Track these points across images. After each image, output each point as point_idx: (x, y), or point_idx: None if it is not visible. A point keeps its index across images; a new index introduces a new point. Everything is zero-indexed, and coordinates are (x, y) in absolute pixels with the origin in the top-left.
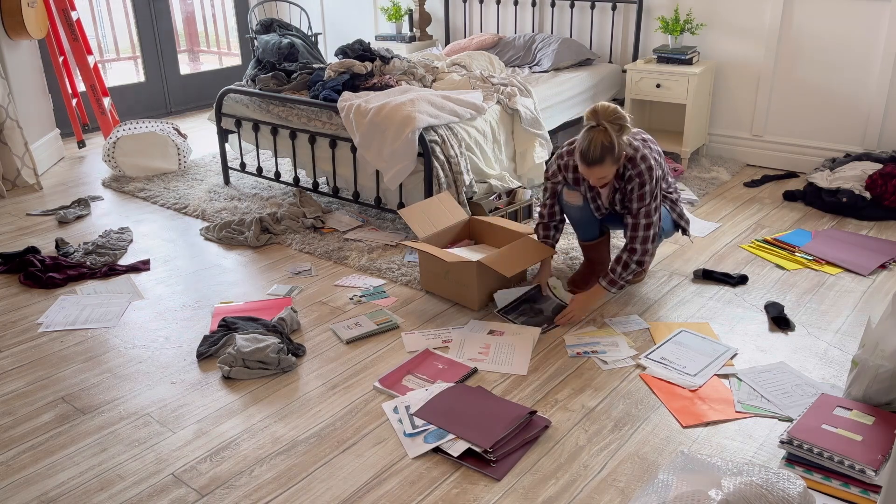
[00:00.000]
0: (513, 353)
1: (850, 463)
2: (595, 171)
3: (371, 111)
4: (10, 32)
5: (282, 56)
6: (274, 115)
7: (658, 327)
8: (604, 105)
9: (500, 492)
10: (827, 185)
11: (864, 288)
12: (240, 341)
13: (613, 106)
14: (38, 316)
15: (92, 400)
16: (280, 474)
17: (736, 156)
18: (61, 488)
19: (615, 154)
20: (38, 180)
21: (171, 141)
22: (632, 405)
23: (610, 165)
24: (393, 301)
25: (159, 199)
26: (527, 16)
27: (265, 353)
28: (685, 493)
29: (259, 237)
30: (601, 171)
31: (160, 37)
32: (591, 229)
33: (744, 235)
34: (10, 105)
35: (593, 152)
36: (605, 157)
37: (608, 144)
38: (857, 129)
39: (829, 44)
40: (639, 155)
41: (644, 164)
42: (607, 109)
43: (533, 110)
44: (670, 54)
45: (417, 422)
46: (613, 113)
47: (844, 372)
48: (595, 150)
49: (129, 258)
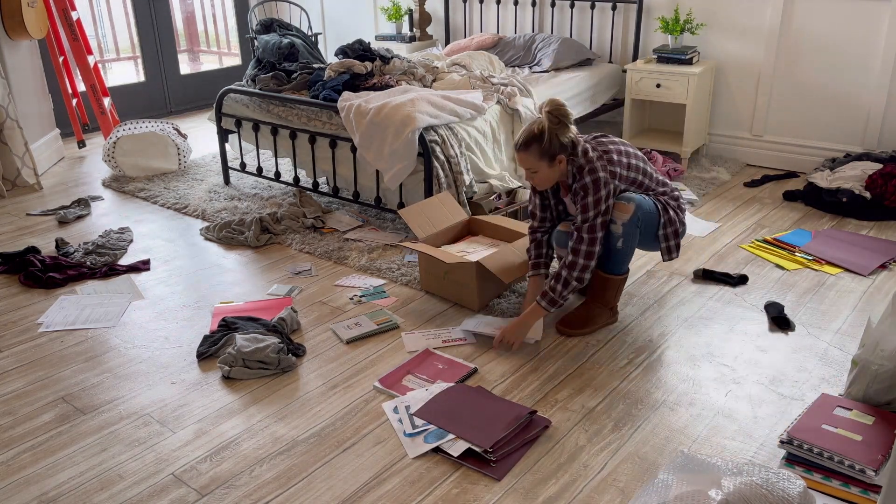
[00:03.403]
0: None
1: (850, 463)
2: (521, 157)
3: (371, 111)
4: (10, 32)
5: (282, 56)
6: (274, 115)
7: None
8: (552, 99)
9: (500, 492)
10: (827, 185)
11: (864, 288)
12: (240, 341)
13: (560, 101)
14: (38, 316)
15: (92, 400)
16: (280, 474)
17: (736, 156)
18: (61, 488)
19: (543, 145)
20: (38, 180)
21: (171, 141)
22: (632, 405)
23: (536, 156)
24: (393, 301)
25: (159, 199)
26: (527, 16)
27: (265, 353)
28: (685, 493)
29: (259, 237)
30: (527, 160)
31: (160, 37)
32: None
33: (744, 235)
34: (10, 105)
35: (521, 137)
36: (530, 144)
37: (537, 133)
38: (857, 129)
39: (829, 44)
40: (588, 167)
41: (590, 176)
42: (553, 102)
43: (533, 110)
44: (670, 54)
45: (417, 422)
46: (557, 107)
47: (844, 372)
48: (524, 135)
49: (129, 258)
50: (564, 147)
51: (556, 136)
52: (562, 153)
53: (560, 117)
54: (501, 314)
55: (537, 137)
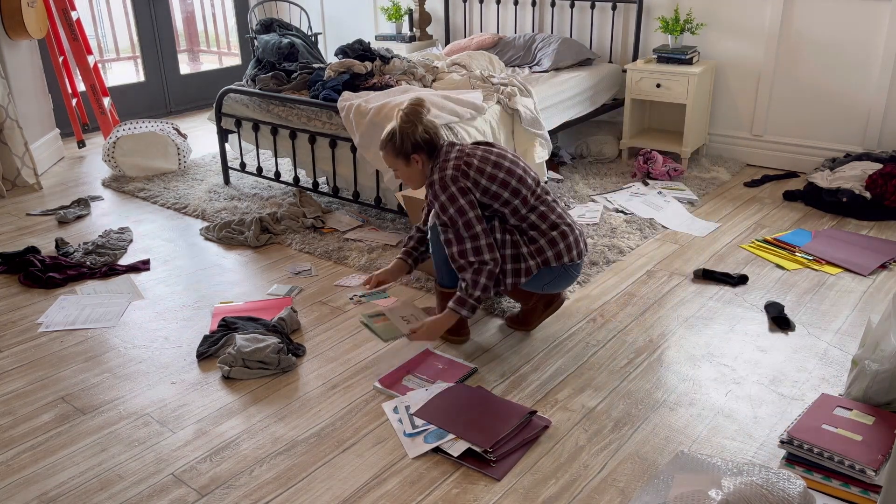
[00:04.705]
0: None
1: (850, 463)
2: (383, 156)
3: (371, 111)
4: (10, 32)
5: (282, 56)
6: (274, 114)
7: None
8: (412, 98)
9: (500, 492)
10: (827, 185)
11: (864, 288)
12: (240, 341)
13: (418, 101)
14: (38, 316)
15: (92, 400)
16: (280, 474)
17: (736, 156)
18: (61, 488)
19: (396, 144)
20: (37, 180)
21: (171, 141)
22: (632, 405)
23: (392, 155)
24: (393, 301)
25: (159, 199)
26: (527, 16)
27: (265, 353)
28: (685, 493)
29: (259, 237)
30: (386, 159)
31: (160, 37)
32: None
33: (744, 235)
34: (10, 105)
35: (381, 136)
36: (385, 144)
37: (390, 132)
38: (857, 129)
39: (829, 44)
40: (438, 166)
41: (438, 174)
42: (410, 103)
43: (533, 110)
44: (670, 54)
45: (417, 422)
46: (410, 107)
47: (844, 372)
48: (382, 135)
49: (129, 258)
50: (419, 147)
51: (407, 136)
52: (417, 153)
53: (411, 117)
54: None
55: (390, 137)
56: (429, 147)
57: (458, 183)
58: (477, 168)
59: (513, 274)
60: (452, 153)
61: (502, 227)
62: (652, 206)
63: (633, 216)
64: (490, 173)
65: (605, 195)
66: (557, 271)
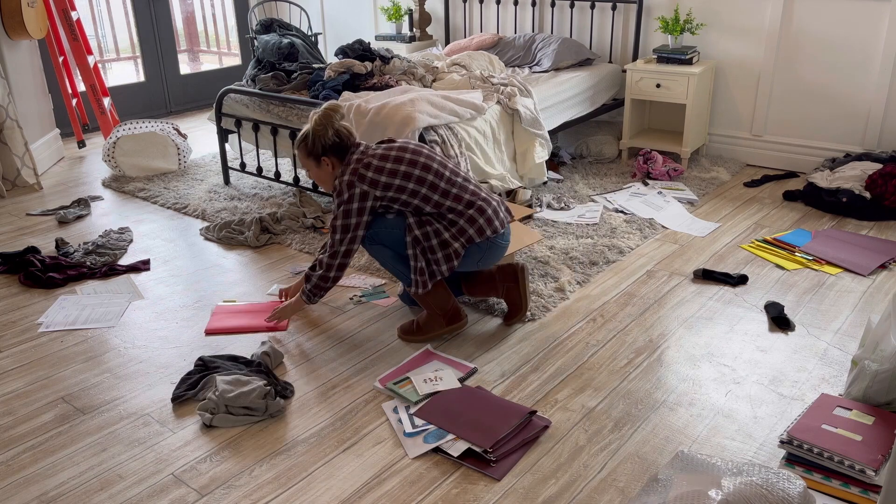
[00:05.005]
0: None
1: (850, 463)
2: (298, 156)
3: (371, 111)
4: (10, 32)
5: (282, 56)
6: (274, 114)
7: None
8: (328, 103)
9: (500, 492)
10: (827, 185)
11: (864, 288)
12: (221, 385)
13: (333, 106)
14: (38, 316)
15: (92, 400)
16: (280, 474)
17: (736, 156)
18: (61, 488)
19: (307, 146)
20: (38, 180)
21: (171, 141)
22: (632, 405)
23: (304, 156)
24: (393, 301)
25: (159, 199)
26: (527, 16)
27: (251, 399)
28: (685, 493)
29: (259, 237)
30: (299, 159)
31: (160, 37)
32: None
33: (744, 235)
34: (10, 105)
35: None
36: (299, 144)
37: (304, 133)
38: (857, 129)
39: (829, 44)
40: (341, 170)
41: (339, 178)
42: (325, 106)
43: (533, 110)
44: (670, 54)
45: (417, 422)
46: (324, 110)
47: (844, 372)
48: (299, 135)
49: (129, 258)
50: (328, 150)
51: (318, 138)
52: (327, 155)
53: (324, 120)
54: (488, 310)
55: (303, 139)
56: (338, 150)
57: (354, 188)
58: (375, 168)
59: (445, 260)
60: (354, 156)
61: (419, 220)
62: (652, 206)
63: (632, 216)
64: (390, 169)
65: (605, 195)
66: (485, 246)
